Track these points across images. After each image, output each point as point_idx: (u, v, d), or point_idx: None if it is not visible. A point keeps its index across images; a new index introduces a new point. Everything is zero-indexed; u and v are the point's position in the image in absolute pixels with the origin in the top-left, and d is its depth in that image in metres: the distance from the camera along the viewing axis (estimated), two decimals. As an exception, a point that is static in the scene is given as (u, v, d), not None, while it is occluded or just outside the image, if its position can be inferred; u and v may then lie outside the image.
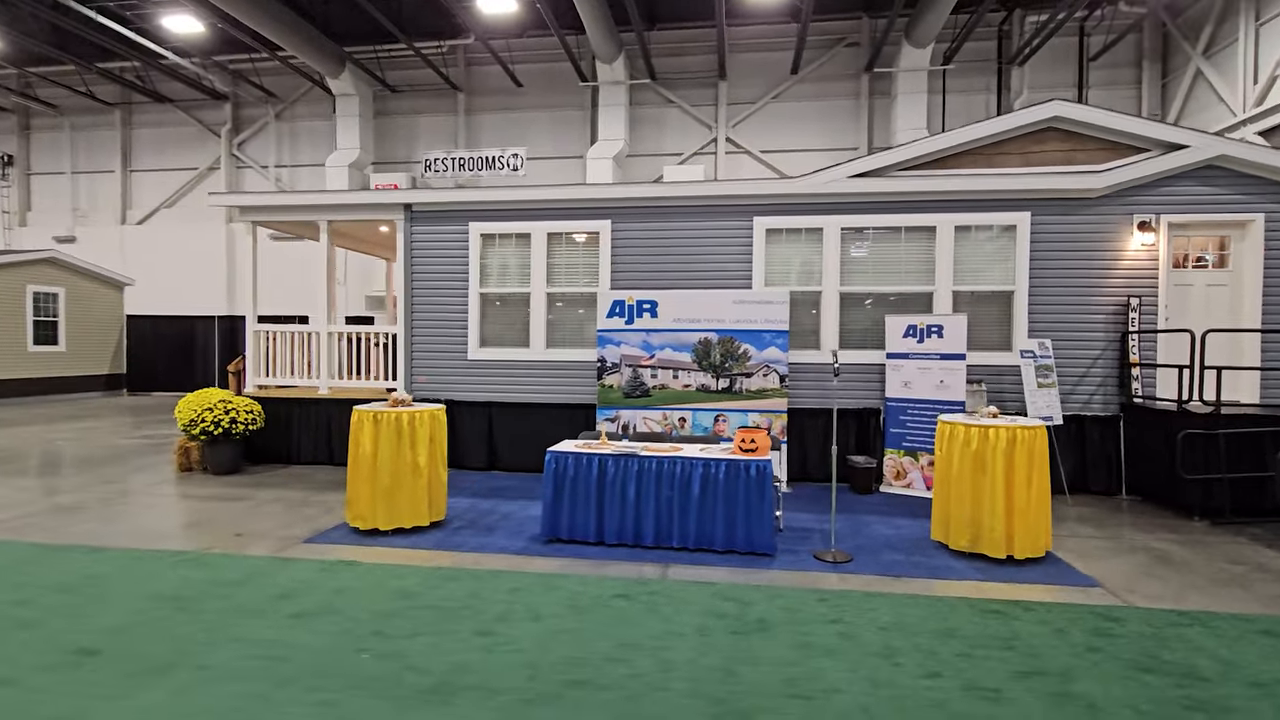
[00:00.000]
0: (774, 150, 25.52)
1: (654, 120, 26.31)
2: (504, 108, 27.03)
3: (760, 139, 25.68)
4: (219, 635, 3.54)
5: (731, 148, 25.89)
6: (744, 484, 4.93)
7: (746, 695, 2.98)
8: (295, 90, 26.62)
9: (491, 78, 27.30)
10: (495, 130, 27.38)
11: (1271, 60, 18.24)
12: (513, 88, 26.94)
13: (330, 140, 28.08)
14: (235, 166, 26.84)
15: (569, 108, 26.68)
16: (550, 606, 3.97)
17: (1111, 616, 3.88)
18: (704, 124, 26.09)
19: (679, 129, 26.45)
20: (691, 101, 26.12)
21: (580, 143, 26.72)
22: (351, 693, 2.98)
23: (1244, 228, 6.95)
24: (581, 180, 25.54)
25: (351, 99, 26.52)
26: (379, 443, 5.32)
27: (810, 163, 25.18)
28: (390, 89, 27.40)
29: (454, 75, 27.02)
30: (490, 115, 27.25)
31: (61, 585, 4.23)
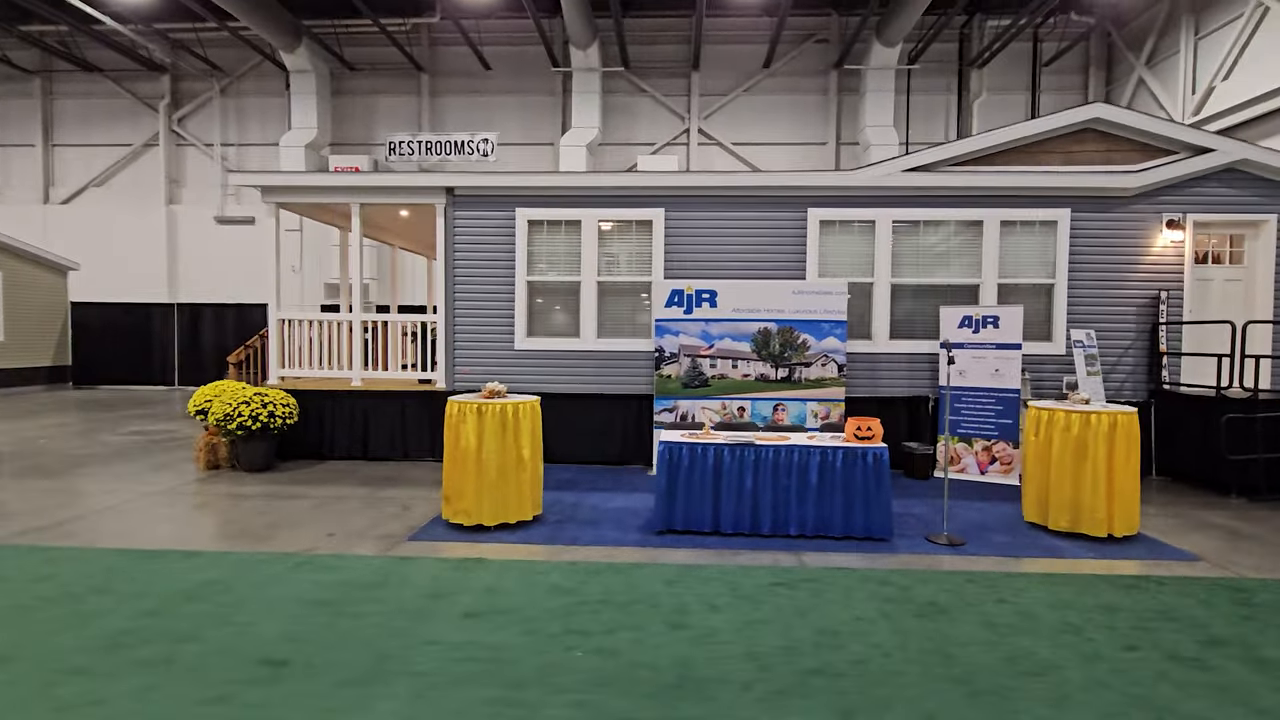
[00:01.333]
0: (745, 143, 25.82)
1: (626, 109, 26.17)
2: (470, 91, 26.31)
3: (732, 131, 25.92)
4: (407, 639, 3.36)
5: (704, 139, 26.04)
6: (861, 471, 5.03)
7: (982, 675, 3.07)
8: (243, 64, 25.08)
9: (457, 59, 26.51)
10: (460, 114, 26.63)
11: (1209, 72, 19.66)
12: (480, 70, 26.26)
13: (282, 119, 26.69)
14: (175, 144, 25.17)
15: (539, 93, 26.22)
16: (718, 597, 3.96)
17: (1238, 587, 4.19)
18: (676, 114, 26.11)
19: (651, 118, 26.38)
20: (664, 91, 26.09)
21: (551, 129, 26.34)
22: (598, 692, 2.90)
23: (1258, 228, 7.55)
24: (554, 168, 25.15)
25: (308, 76, 25.25)
26: (484, 435, 5.14)
27: (781, 157, 25.64)
28: (349, 67, 26.23)
29: (418, 55, 26.08)
30: (455, 98, 26.48)
31: (184, 593, 3.92)
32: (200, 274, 23.71)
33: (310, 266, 26.37)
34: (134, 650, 3.23)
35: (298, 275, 27.72)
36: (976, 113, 25.20)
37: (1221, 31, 19.24)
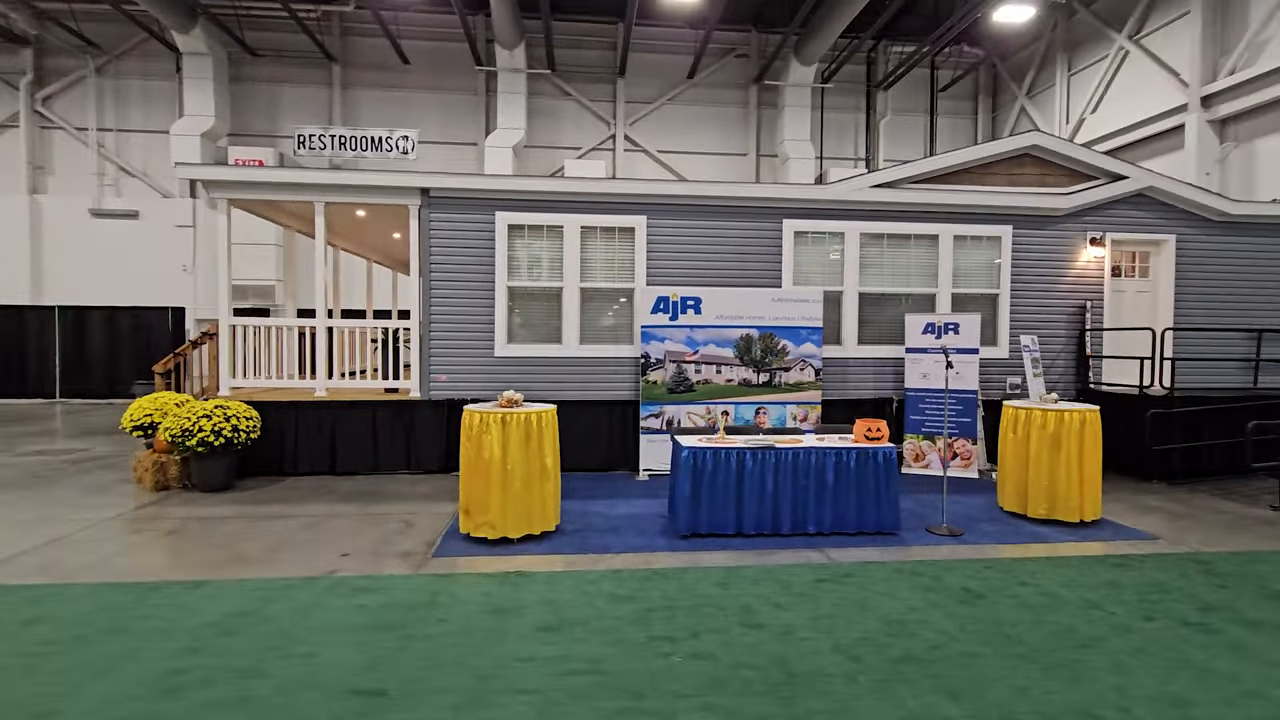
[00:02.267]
0: (670, 151, 26.33)
1: (551, 112, 26.05)
2: (386, 85, 25.30)
3: (657, 139, 26.37)
4: (494, 657, 3.27)
5: (630, 145, 26.34)
6: (873, 469, 5.36)
7: (1043, 651, 3.39)
8: (125, 41, 22.93)
9: (373, 51, 25.42)
10: (375, 108, 25.55)
11: (1080, 105, 22.10)
12: (397, 64, 25.31)
13: (171, 104, 24.63)
14: (39, 126, 22.61)
15: (461, 91, 25.61)
16: (775, 596, 4.11)
17: (1199, 560, 4.83)
18: (602, 120, 26.26)
19: (576, 123, 26.39)
20: (589, 96, 26.18)
21: (473, 129, 25.80)
22: (717, 694, 2.96)
23: (1160, 246, 8.65)
24: (479, 169, 24.59)
25: (203, 59, 23.40)
26: (508, 446, 5.03)
27: (704, 166, 26.35)
28: (251, 52, 24.53)
29: (329, 44, 24.76)
30: (369, 92, 25.36)
31: (214, 626, 3.60)
32: (73, 272, 21.29)
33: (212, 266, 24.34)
34: (197, 692, 2.95)
35: (189, 275, 25.61)
36: (883, 132, 26.99)
37: (1090, 69, 21.69)
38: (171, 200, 25.03)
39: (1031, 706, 2.87)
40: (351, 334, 8.21)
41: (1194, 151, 16.85)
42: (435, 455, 7.76)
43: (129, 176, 22.67)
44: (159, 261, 25.03)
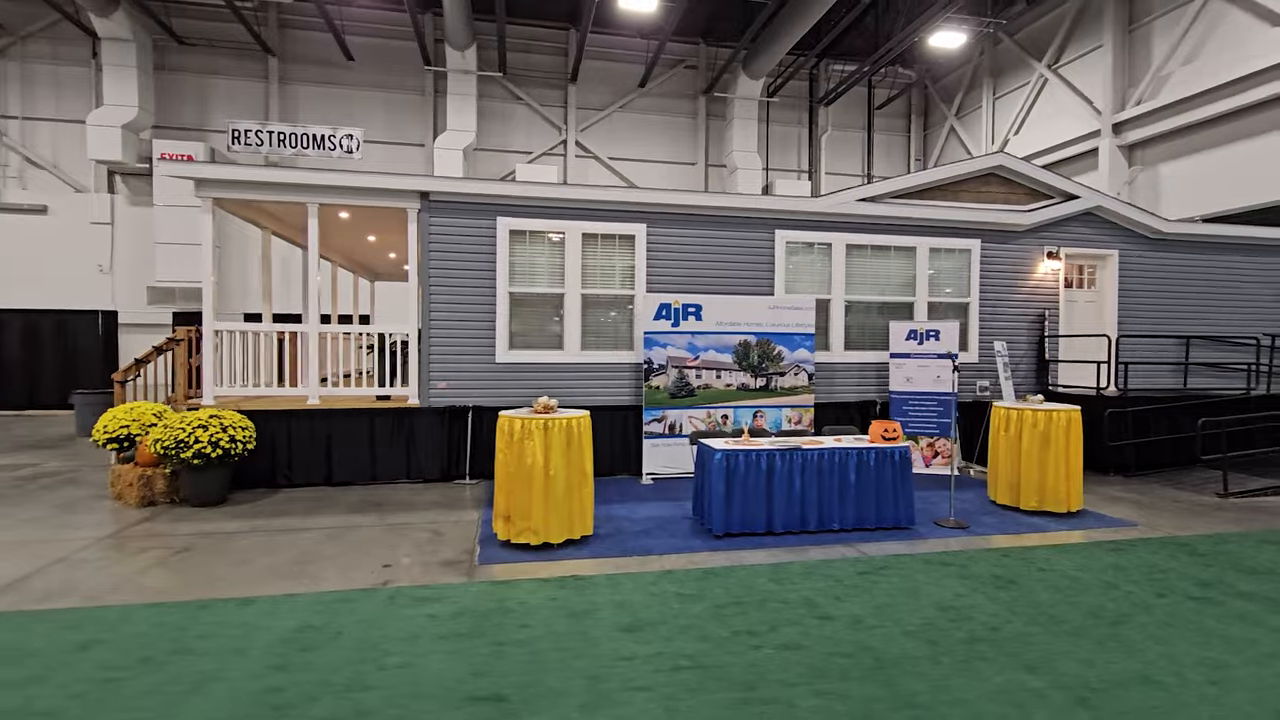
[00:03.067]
0: (621, 158, 26.58)
1: (501, 115, 25.86)
2: (327, 81, 24.48)
3: (608, 146, 26.57)
4: (596, 658, 3.34)
5: (581, 151, 26.44)
6: (891, 468, 5.69)
7: (1088, 628, 3.75)
8: (32, 22, 21.39)
9: (314, 45, 24.57)
10: (315, 105, 24.68)
11: (1004, 126, 23.75)
12: (340, 60, 24.54)
13: (86, 92, 23.08)
14: (-73, 112, 20.67)
15: (408, 91, 25.08)
16: (829, 589, 4.34)
17: (1180, 543, 5.40)
18: (553, 125, 26.27)
19: (526, 127, 26.29)
20: (540, 101, 26.14)
21: (420, 130, 25.31)
22: (822, 681, 3.14)
23: (1105, 260, 9.52)
24: (427, 170, 24.08)
25: (125, 46, 22.03)
26: (550, 451, 5.06)
27: (654, 174, 26.73)
28: (178, 40, 23.24)
29: (266, 36, 23.70)
30: (310, 88, 24.47)
31: (286, 641, 3.49)
32: (-36, 270, 19.55)
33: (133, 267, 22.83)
34: (307, 708, 2.88)
35: (106, 276, 23.96)
36: (824, 146, 28.15)
37: (1014, 94, 23.37)
38: (85, 195, 23.33)
39: (1100, 676, 3.20)
40: (334, 340, 7.95)
41: (1106, 173, 18.44)
42: (436, 464, 7.62)
43: (36, 168, 20.98)
44: (70, 261, 23.23)
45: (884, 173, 28.63)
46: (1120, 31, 19.16)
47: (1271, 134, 15.49)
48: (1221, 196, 16.44)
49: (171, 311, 20.23)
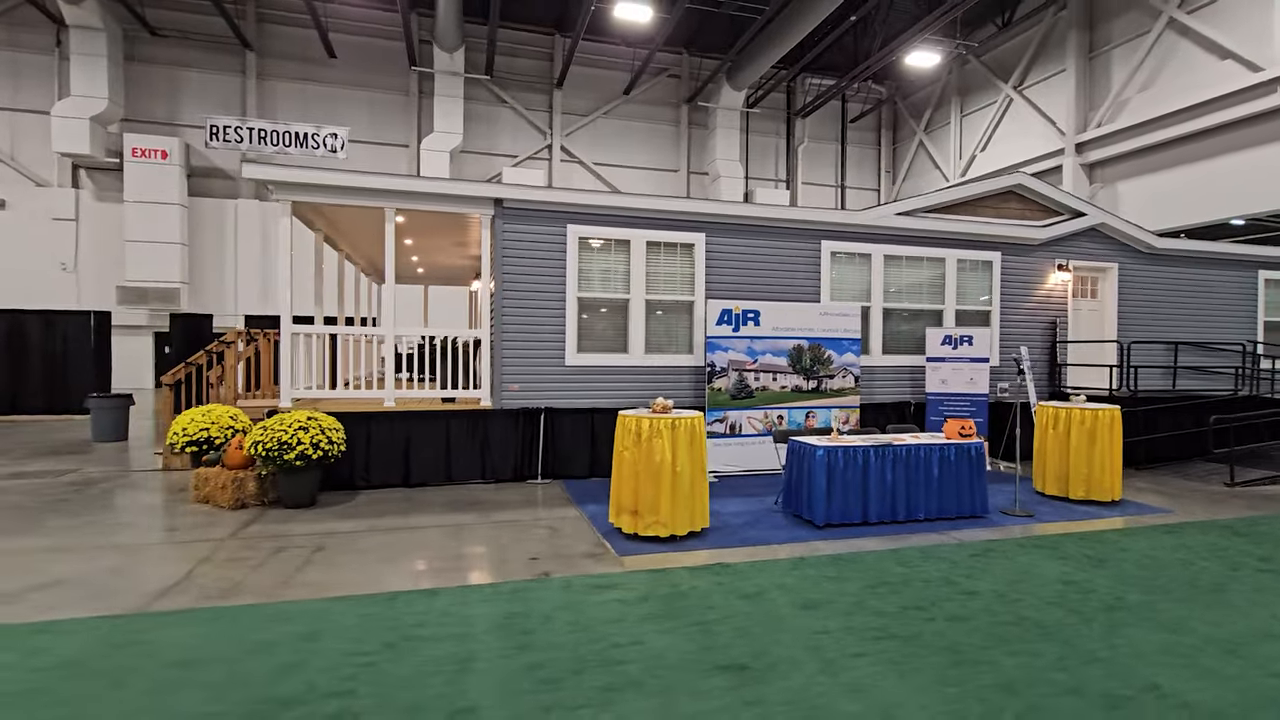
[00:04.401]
0: (605, 164, 26.93)
1: (486, 118, 25.91)
2: (308, 78, 24.13)
3: (593, 151, 26.90)
4: (802, 633, 3.70)
5: (565, 156, 26.69)
6: (968, 462, 6.24)
7: (1199, 595, 4.32)
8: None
9: (293, 41, 24.17)
10: (294, 102, 24.27)
11: (972, 143, 25.11)
12: (321, 58, 24.21)
13: (49, 81, 22.24)
14: (-126, 100, 19.57)
15: (392, 91, 24.90)
16: (954, 570, 4.81)
17: (1221, 525, 6.11)
18: (538, 129, 26.45)
19: (512, 130, 26.41)
20: (525, 105, 26.28)
21: (404, 131, 25.16)
22: (1010, 644, 3.58)
23: (1107, 272, 10.41)
24: (412, 170, 23.91)
25: (95, 35, 21.29)
26: (677, 449, 5.39)
27: (637, 179, 27.18)
28: (150, 30, 22.51)
29: (244, 30, 23.14)
30: (289, 84, 24.08)
31: (509, 625, 3.72)
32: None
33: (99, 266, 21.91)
34: (583, 679, 3.15)
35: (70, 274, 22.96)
36: (801, 156, 29.13)
37: (981, 112, 24.76)
38: (47, 190, 22.30)
39: (1233, 633, 3.75)
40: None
41: (1070, 190, 19.78)
42: (509, 464, 7.80)
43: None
44: (30, 258, 22.10)
45: (856, 183, 29.83)
46: (1082, 58, 20.59)
47: (1220, 157, 16.99)
48: (1175, 214, 17.92)
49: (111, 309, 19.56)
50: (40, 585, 4.33)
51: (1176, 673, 3.28)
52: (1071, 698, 3.04)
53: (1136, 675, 3.26)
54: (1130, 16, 19.29)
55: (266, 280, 22.60)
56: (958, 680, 3.20)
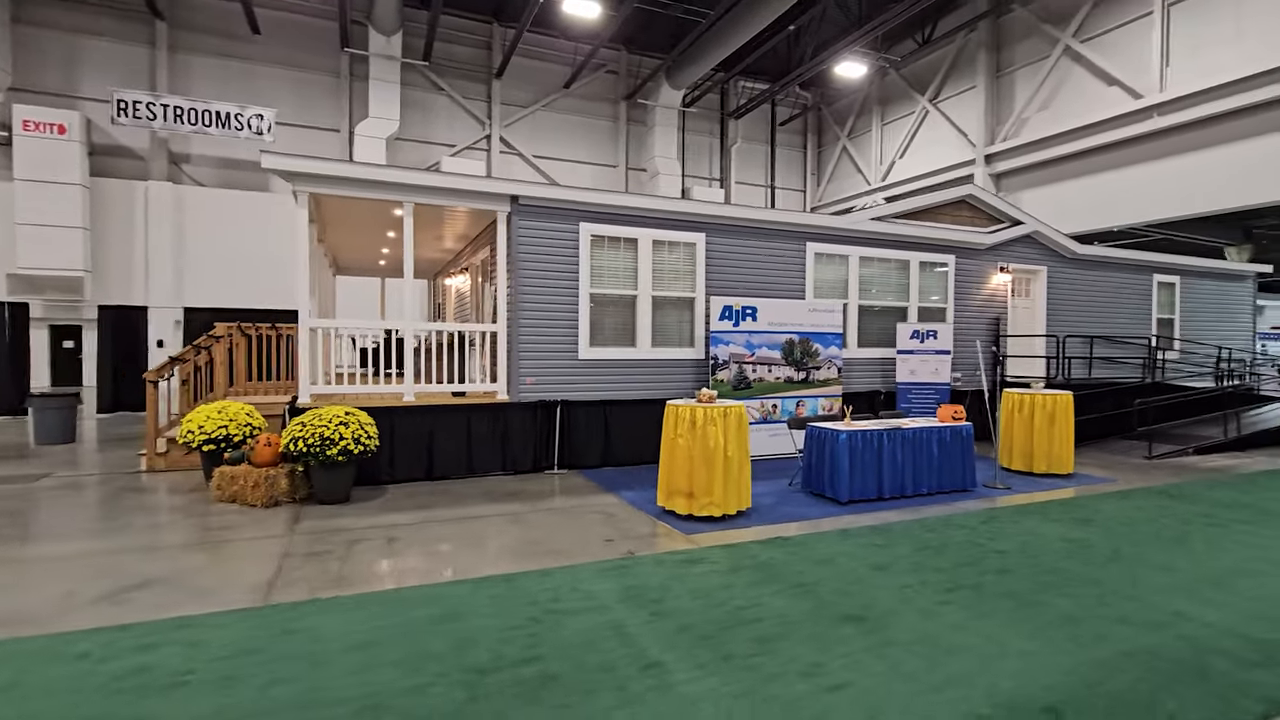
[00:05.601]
0: (545, 157, 26.97)
1: (422, 105, 25.36)
2: (227, 54, 22.79)
3: (532, 144, 26.88)
4: (892, 591, 4.29)
5: (505, 148, 26.53)
6: (960, 443, 7.10)
7: (1185, 540, 5.28)
8: None
9: (211, 13, 22.76)
10: (212, 79, 22.86)
11: (891, 150, 26.95)
12: (244, 33, 22.94)
13: None
14: None
15: (321, 72, 23.89)
16: (974, 535, 5.57)
17: (1158, 490, 7.28)
18: (476, 119, 26.15)
19: (448, 119, 25.99)
20: (463, 94, 25.91)
21: (334, 114, 24.22)
22: (1051, 591, 4.32)
23: (1037, 275, 11.80)
24: (343, 156, 23.05)
25: (-26, -8, 19.19)
26: (729, 435, 5.87)
27: (576, 174, 27.39)
28: (41, -9, 20.52)
29: (152, -3, 21.52)
30: (206, 59, 22.66)
31: (638, 596, 4.08)
32: None
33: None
34: (747, 630, 3.58)
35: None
36: (734, 156, 30.21)
37: (900, 121, 26.62)
38: (-86, 169, 19.92)
39: (1210, 572, 4.66)
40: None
41: (985, 198, 21.58)
42: (527, 455, 8.01)
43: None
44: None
45: (784, 184, 31.29)
46: (990, 77, 22.62)
47: (1106, 173, 19.23)
48: (1070, 222, 20.16)
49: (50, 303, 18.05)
50: (133, 586, 4.25)
51: (1187, 602, 4.12)
52: (1122, 625, 3.78)
53: (1161, 605, 4.06)
54: (1032, 42, 21.37)
55: (184, 269, 21.16)
56: (1030, 617, 3.87)
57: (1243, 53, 14.40)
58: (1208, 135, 15.88)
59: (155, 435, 8.01)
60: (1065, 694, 3.01)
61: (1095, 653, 3.43)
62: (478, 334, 8.24)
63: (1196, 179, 15.68)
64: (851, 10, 23.35)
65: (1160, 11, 17.35)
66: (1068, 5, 19.88)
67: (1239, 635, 3.66)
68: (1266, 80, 13.87)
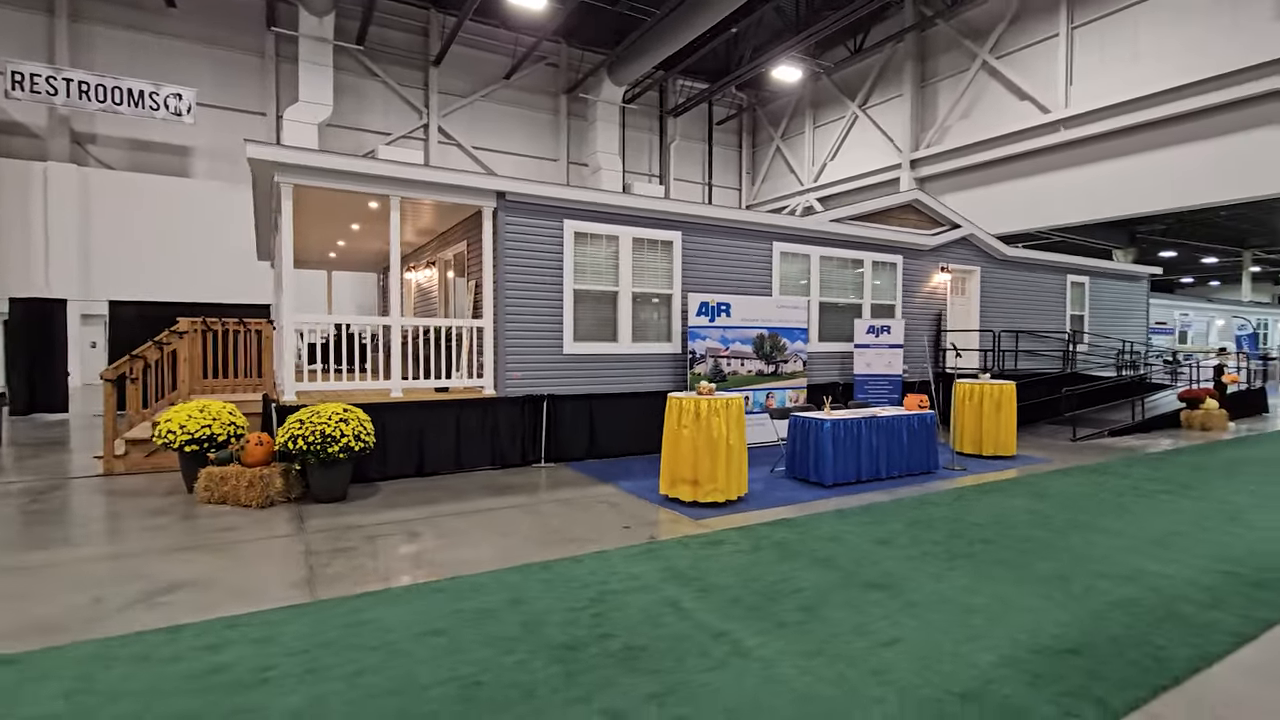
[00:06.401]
0: (485, 149, 26.66)
1: (355, 91, 24.64)
2: (137, 26, 21.44)
3: (471, 135, 26.57)
4: (896, 560, 4.74)
5: (443, 138, 26.10)
6: (925, 429, 7.75)
7: (1136, 502, 6.03)
8: None
9: (120, -20, 21.18)
10: (118, 52, 21.49)
11: (823, 152, 28.18)
12: (157, 4, 21.62)
13: None
14: None
15: (243, 51, 22.79)
16: (952, 508, 6.15)
17: (1090, 469, 8.19)
18: (413, 107, 25.65)
19: (383, 106, 25.37)
20: (399, 80, 25.33)
21: (259, 97, 23.18)
22: (1044, 551, 4.91)
23: (972, 274, 12.81)
24: (272, 140, 22.01)
25: None
26: (730, 426, 6.22)
27: (517, 166, 27.21)
28: (-82, -55, 18.69)
29: (48, -40, 20.01)
30: (112, 30, 21.27)
31: (680, 575, 4.35)
32: None
33: None
34: (795, 599, 3.91)
35: None
36: (673, 153, 30.72)
37: (832, 125, 27.86)
38: None
39: (1154, 534, 5.39)
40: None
41: (912, 200, 22.96)
42: (515, 450, 8.08)
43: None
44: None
45: (721, 182, 32.09)
46: (915, 86, 24.04)
47: (1018, 180, 20.87)
48: (990, 225, 21.80)
49: None
50: (162, 590, 4.14)
51: (1143, 560, 4.78)
52: (1100, 580, 4.37)
53: (1124, 563, 4.70)
54: (953, 55, 22.87)
55: (91, 257, 19.64)
56: (1023, 579, 4.41)
57: (1136, 76, 16.05)
58: (1106, 149, 17.61)
59: (114, 437, 7.57)
60: (1075, 639, 3.51)
61: (1086, 604, 3.98)
62: (464, 329, 8.22)
63: (1098, 188, 17.35)
64: (789, 16, 24.25)
65: (1065, 34, 19.00)
66: (986, 23, 21.41)
67: (1192, 584, 4.31)
68: (1154, 102, 15.53)
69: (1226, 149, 14.54)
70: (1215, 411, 11.55)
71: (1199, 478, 7.59)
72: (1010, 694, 2.94)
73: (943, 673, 3.13)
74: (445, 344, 8.39)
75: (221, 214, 20.60)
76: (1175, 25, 15.45)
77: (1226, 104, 14.38)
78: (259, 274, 19.40)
